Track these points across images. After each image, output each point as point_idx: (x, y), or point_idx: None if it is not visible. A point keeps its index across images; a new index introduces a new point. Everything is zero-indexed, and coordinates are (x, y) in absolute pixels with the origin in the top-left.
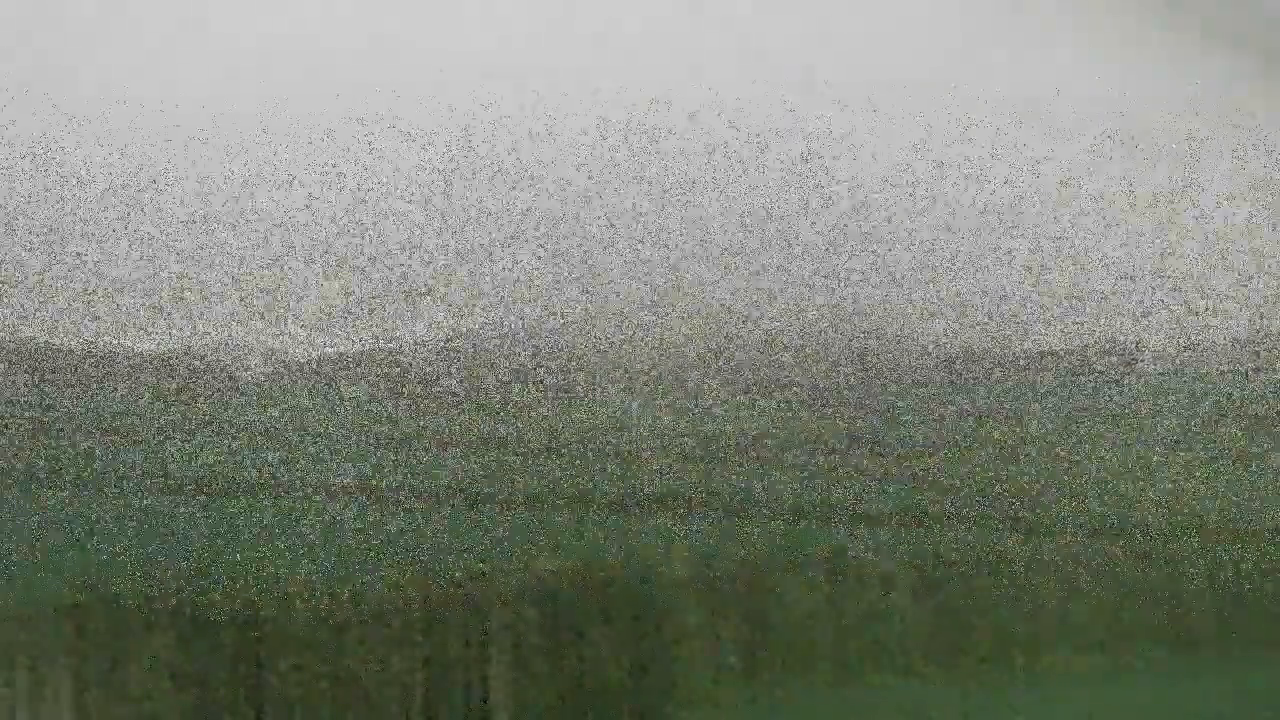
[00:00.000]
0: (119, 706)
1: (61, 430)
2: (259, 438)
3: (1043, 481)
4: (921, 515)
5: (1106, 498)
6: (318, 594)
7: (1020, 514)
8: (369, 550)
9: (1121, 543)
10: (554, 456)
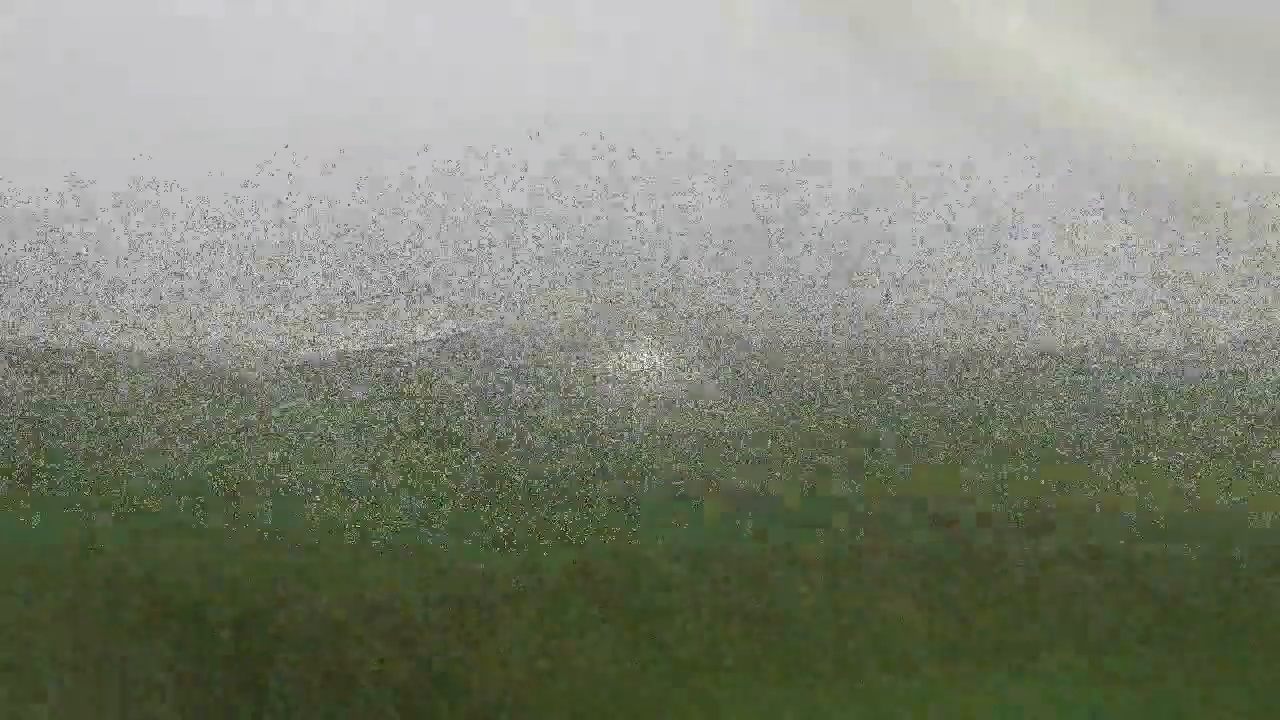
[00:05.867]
0: (119, 707)
1: (62, 430)
2: (259, 438)
3: (1043, 481)
4: (921, 515)
5: (1107, 498)
6: (318, 594)
7: (1020, 514)
8: (369, 550)
9: (1122, 543)
10: (554, 456)
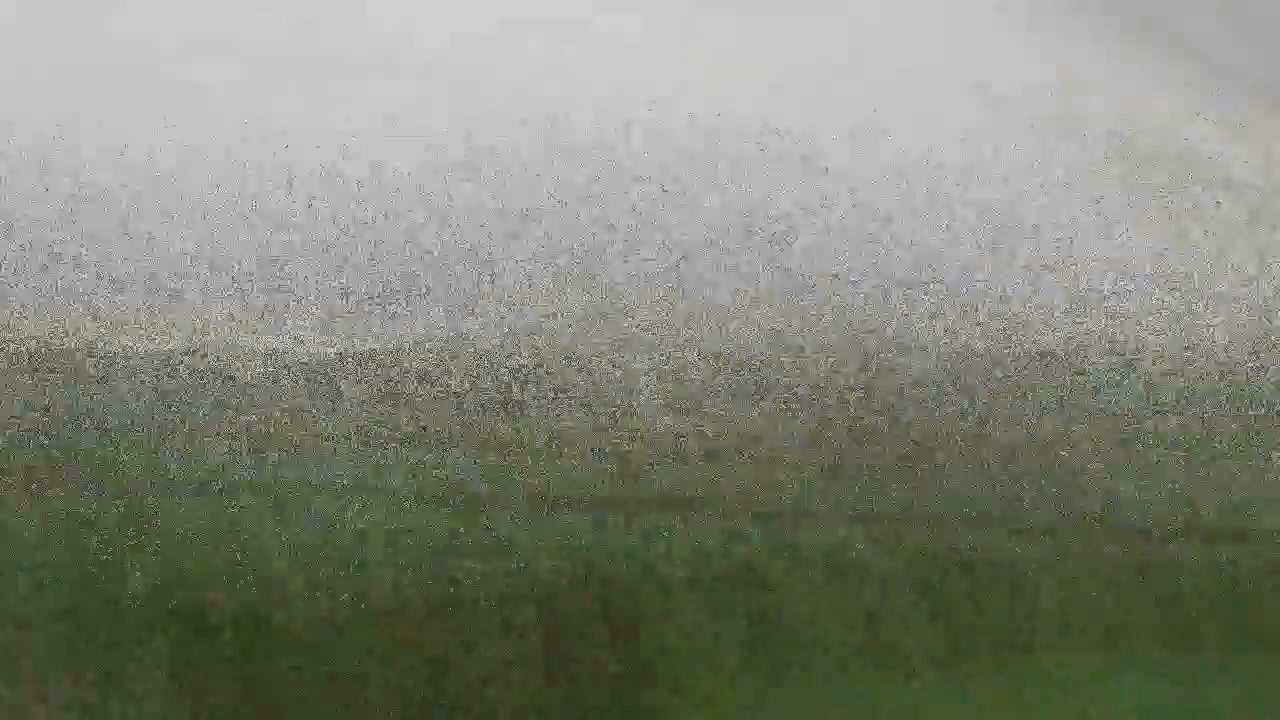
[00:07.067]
0: (119, 710)
1: (61, 430)
2: (259, 438)
3: (1043, 481)
4: (921, 515)
5: (1107, 498)
6: (318, 594)
7: (1020, 514)
8: (369, 550)
9: (1121, 543)
10: (554, 456)
